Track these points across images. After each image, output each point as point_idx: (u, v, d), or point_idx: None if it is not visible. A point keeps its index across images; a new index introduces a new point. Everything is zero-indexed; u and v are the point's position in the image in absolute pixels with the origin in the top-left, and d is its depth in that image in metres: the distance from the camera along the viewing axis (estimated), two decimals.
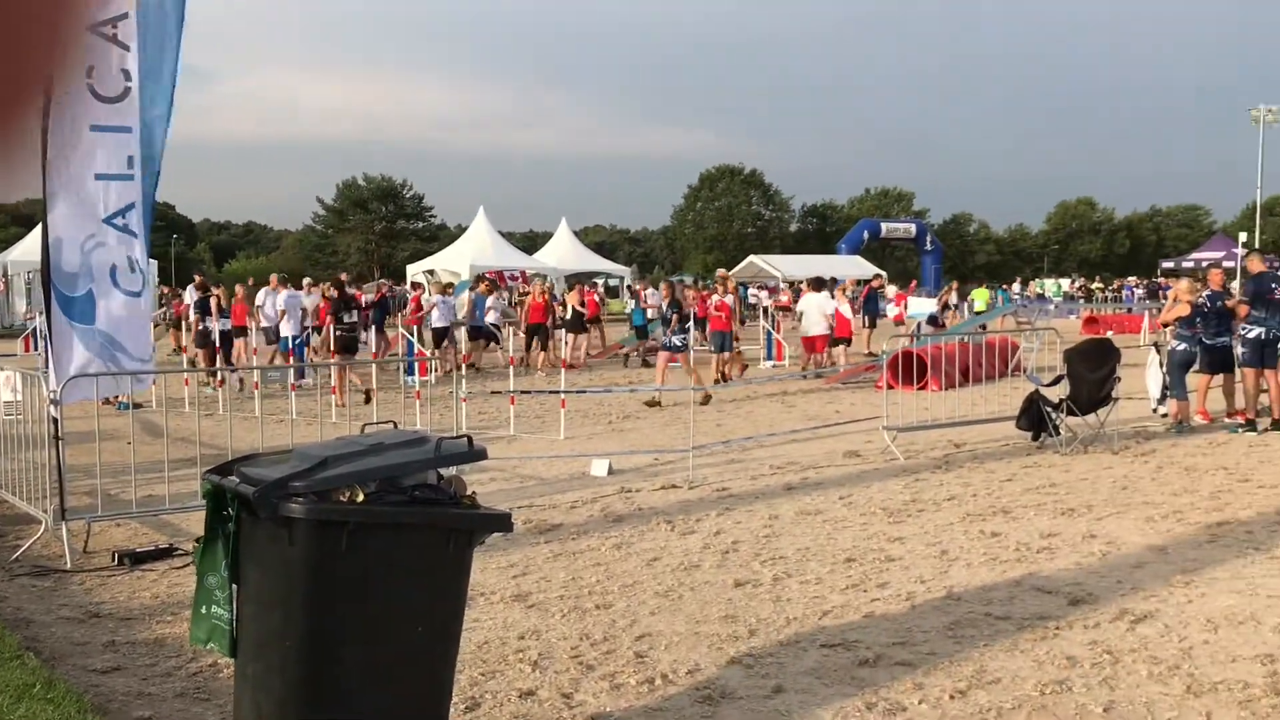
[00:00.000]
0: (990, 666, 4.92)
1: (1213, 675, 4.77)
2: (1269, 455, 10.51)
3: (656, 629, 5.53)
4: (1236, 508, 8.18)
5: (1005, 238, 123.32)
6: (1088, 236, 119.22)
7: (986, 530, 7.55)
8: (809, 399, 16.08)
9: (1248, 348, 12.10)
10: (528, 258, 48.10)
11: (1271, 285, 12.26)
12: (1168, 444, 11.30)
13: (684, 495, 8.89)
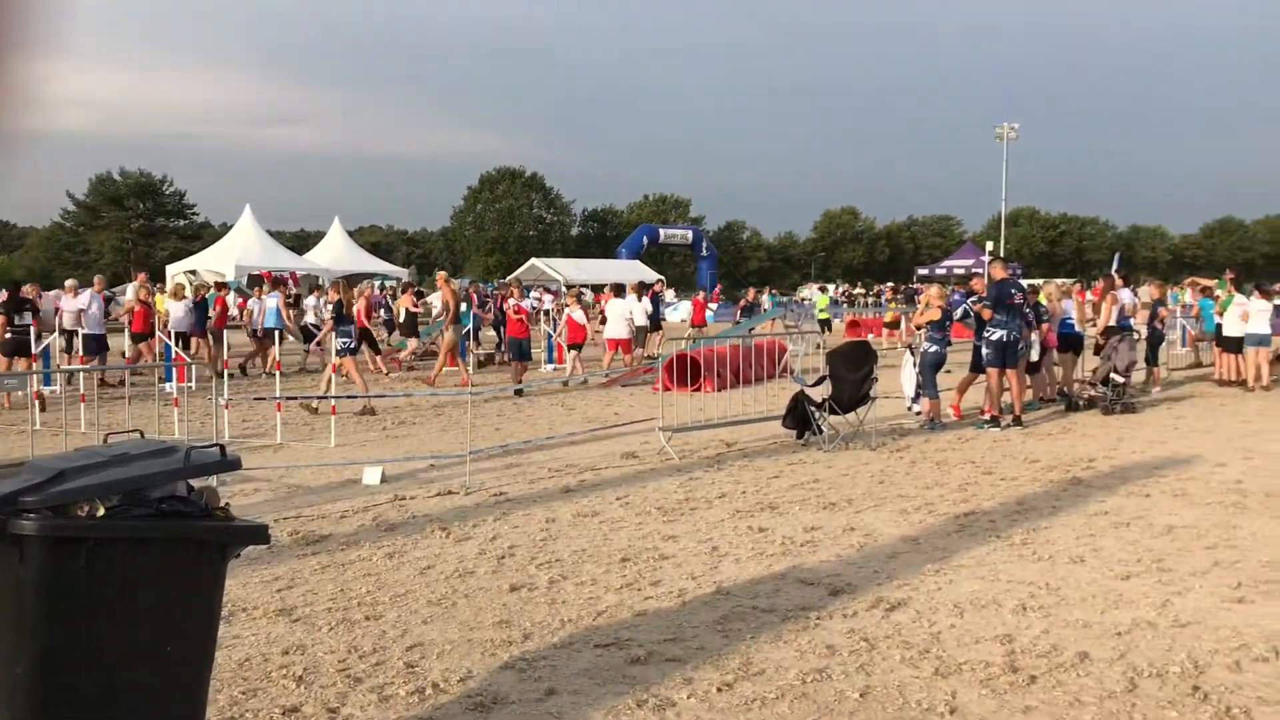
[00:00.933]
0: (756, 658, 5.07)
1: (958, 657, 5.08)
2: (1010, 449, 11.32)
3: (428, 638, 5.42)
4: (981, 499, 8.76)
5: (776, 245, 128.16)
6: (851, 244, 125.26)
7: (755, 526, 7.79)
8: (588, 401, 16.20)
9: (991, 349, 13.01)
10: (298, 258, 46.48)
11: (1012, 290, 13.23)
12: (921, 440, 12.00)
13: (460, 501, 8.77)
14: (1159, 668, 4.89)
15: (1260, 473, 9.81)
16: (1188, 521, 7.86)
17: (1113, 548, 7.11)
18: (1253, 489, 9.05)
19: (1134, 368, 15.23)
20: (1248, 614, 5.70)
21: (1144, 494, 8.89)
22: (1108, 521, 7.88)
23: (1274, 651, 5.09)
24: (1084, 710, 4.43)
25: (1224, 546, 7.14)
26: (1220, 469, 10.04)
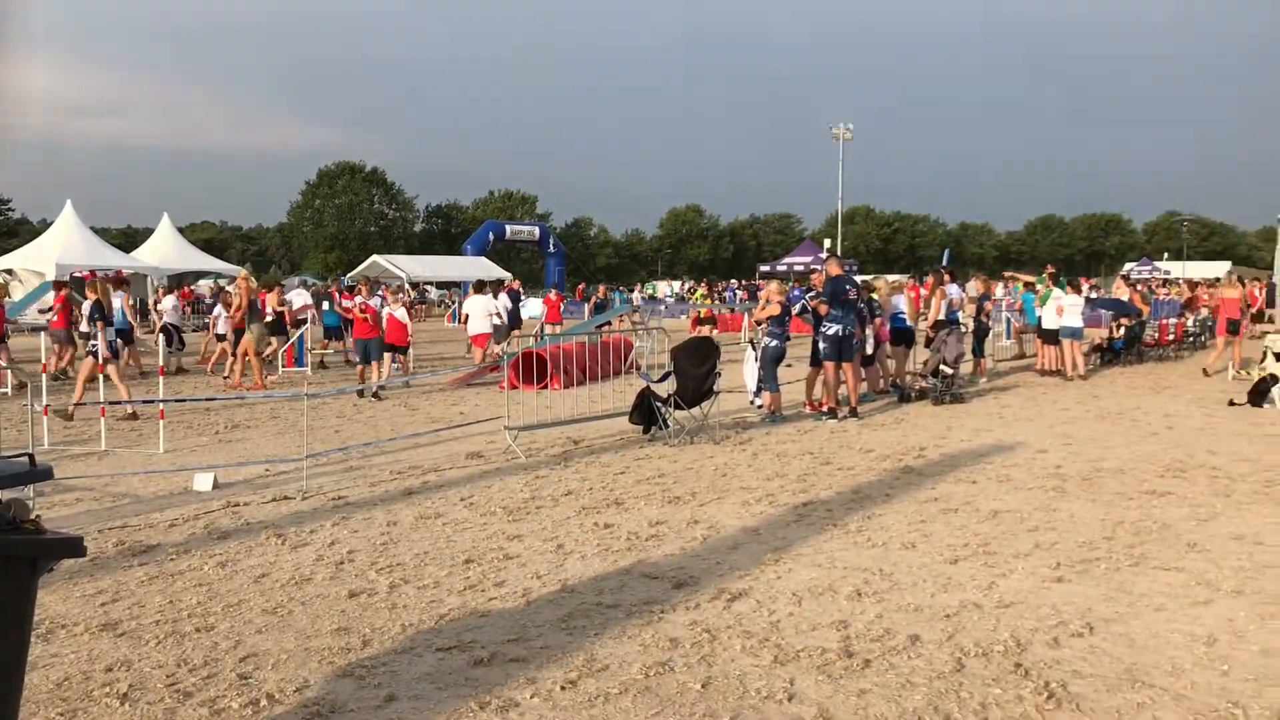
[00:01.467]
0: (600, 654, 5.08)
1: (796, 644, 5.20)
2: (847, 440, 11.67)
3: (263, 648, 5.25)
4: (820, 489, 9.00)
5: (623, 242, 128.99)
6: (697, 241, 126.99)
7: (601, 522, 7.81)
8: (433, 402, 15.96)
9: (827, 343, 13.37)
10: (125, 256, 44.33)
11: (846, 287, 13.61)
12: (763, 432, 12.25)
13: (297, 506, 8.51)
14: (984, 647, 5.11)
15: (1077, 458, 10.36)
16: (1011, 506, 8.25)
17: (942, 533, 7.40)
18: (1071, 473, 9.56)
19: (962, 359, 15.90)
20: (1066, 592, 6.01)
21: (971, 480, 9.28)
22: (937, 508, 8.21)
23: (1089, 627, 5.39)
24: (914, 691, 4.59)
25: (1045, 529, 7.51)
26: (1041, 455, 10.56)
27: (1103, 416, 13.44)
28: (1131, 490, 8.79)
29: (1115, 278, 34.76)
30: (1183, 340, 24.09)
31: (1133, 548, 6.95)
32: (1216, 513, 7.96)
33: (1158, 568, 6.49)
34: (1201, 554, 6.79)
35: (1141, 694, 4.54)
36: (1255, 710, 4.35)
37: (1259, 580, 6.19)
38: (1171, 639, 5.22)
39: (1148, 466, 9.85)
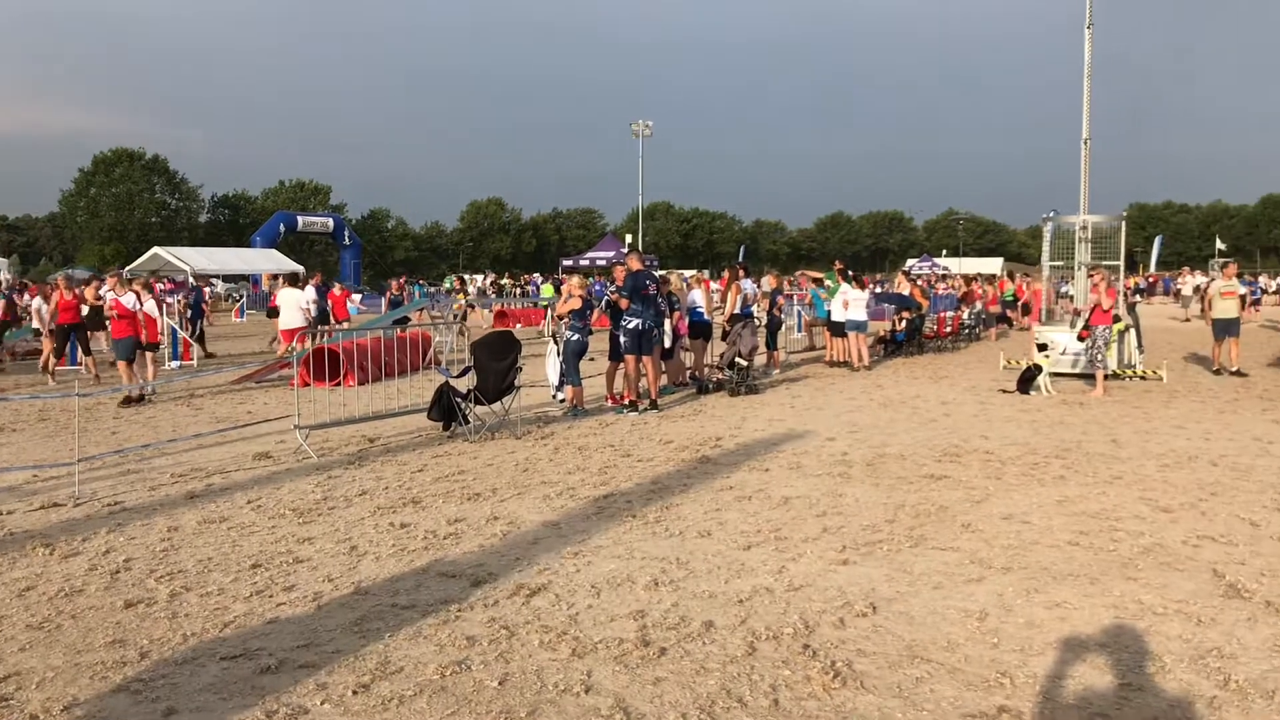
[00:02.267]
0: (394, 657, 4.96)
1: (594, 636, 5.22)
2: (647, 432, 11.82)
3: (27, 666, 4.88)
4: (619, 480, 9.08)
5: (423, 234, 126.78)
6: (499, 235, 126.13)
7: (397, 522, 7.64)
8: (218, 401, 15.26)
9: (628, 337, 13.50)
10: None
11: (646, 282, 13.78)
12: (565, 426, 12.27)
13: (68, 514, 7.98)
14: (775, 630, 5.26)
15: (862, 444, 10.83)
16: (801, 492, 8.54)
17: (736, 520, 7.59)
18: (856, 459, 9.98)
19: (756, 352, 16.36)
20: (850, 574, 6.26)
21: (764, 469, 9.56)
22: (732, 496, 8.41)
23: (872, 607, 5.63)
24: (709, 677, 4.68)
25: (832, 514, 7.81)
26: (830, 442, 10.98)
27: (886, 405, 14.09)
28: (912, 475, 9.25)
29: (897, 273, 36.53)
30: (959, 332, 25.53)
31: (913, 529, 7.30)
32: (989, 494, 8.46)
33: (935, 548, 6.84)
34: (975, 534, 7.20)
35: (920, 669, 4.77)
36: (1021, 678, 4.64)
37: (1025, 557, 6.61)
38: (947, 615, 5.51)
39: (927, 452, 10.39)
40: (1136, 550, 6.72)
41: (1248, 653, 4.93)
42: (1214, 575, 6.17)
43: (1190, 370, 18.85)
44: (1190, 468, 9.51)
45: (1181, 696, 4.44)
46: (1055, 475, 9.20)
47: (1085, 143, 19.50)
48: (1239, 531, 7.20)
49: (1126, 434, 11.49)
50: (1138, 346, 18.64)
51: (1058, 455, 10.15)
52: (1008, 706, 4.35)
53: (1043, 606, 5.63)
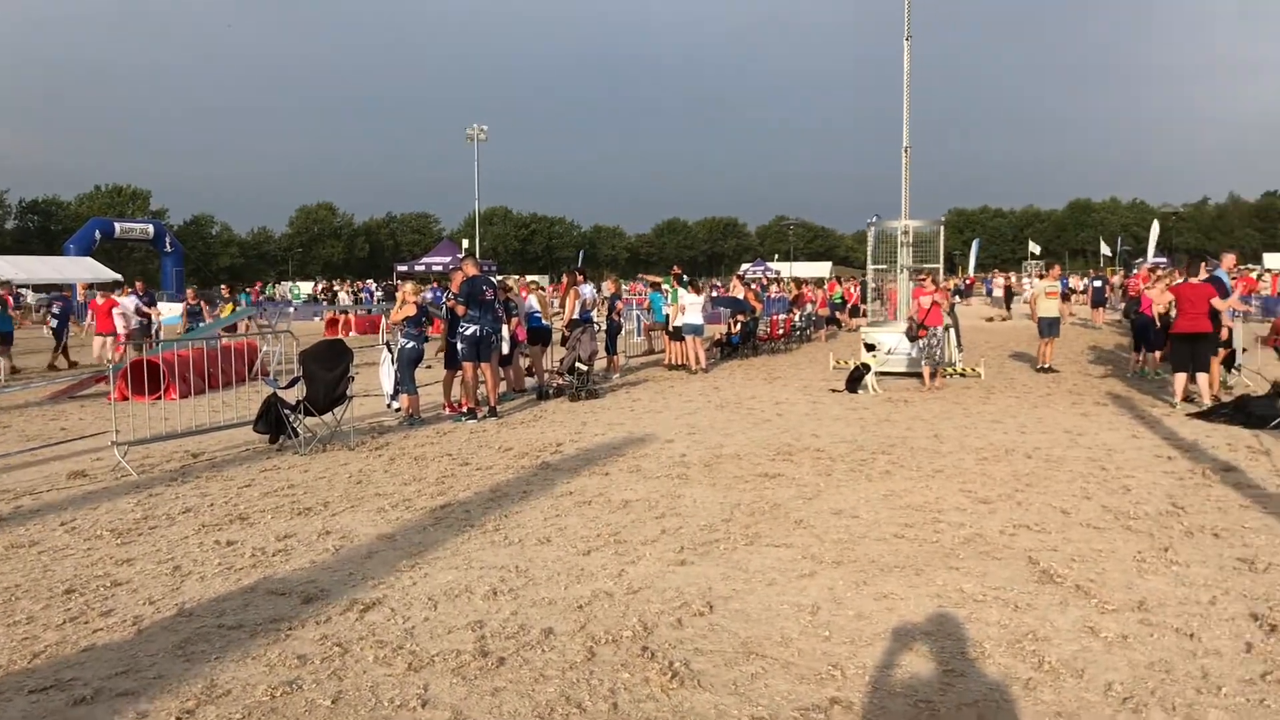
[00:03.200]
0: (221, 679, 4.76)
1: (431, 649, 5.13)
2: (486, 440, 11.70)
3: None
4: (457, 490, 8.95)
5: (249, 240, 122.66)
6: (330, 240, 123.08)
7: (223, 540, 7.34)
8: (28, 417, 14.38)
9: (465, 344, 13.35)
10: None
11: (483, 287, 13.64)
12: (400, 436, 12.03)
13: None
14: (614, 634, 5.28)
15: (700, 446, 10.99)
16: (641, 495, 8.60)
17: (576, 525, 7.59)
18: (694, 461, 10.11)
19: (596, 356, 16.42)
20: (688, 574, 6.34)
21: (604, 473, 9.59)
22: (572, 501, 8.41)
23: (709, 606, 5.71)
24: (548, 684, 4.66)
25: (670, 515, 7.89)
26: (669, 445, 11.10)
27: (723, 406, 14.34)
28: (747, 474, 9.43)
29: (732, 277, 37.27)
30: (791, 334, 26.22)
31: (748, 527, 7.45)
32: (820, 491, 8.70)
33: (770, 545, 6.99)
34: (807, 530, 7.39)
35: (756, 665, 4.86)
36: (851, 669, 4.79)
37: (854, 550, 6.82)
38: (781, 611, 5.64)
39: (761, 451, 10.61)
40: (958, 541, 7.02)
41: (1060, 635, 5.21)
42: (1029, 562, 6.50)
43: (1006, 367, 19.84)
44: (1007, 460, 9.99)
45: (1000, 679, 4.65)
46: (882, 470, 9.53)
47: (905, 150, 20.29)
48: (1051, 520, 7.60)
49: (948, 429, 12.00)
50: (957, 345, 19.51)
51: (884, 451, 10.52)
52: (839, 698, 4.48)
53: (871, 598, 5.82)
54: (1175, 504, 8.04)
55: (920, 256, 19.82)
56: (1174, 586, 5.97)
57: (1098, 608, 5.60)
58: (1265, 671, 4.69)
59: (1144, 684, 4.57)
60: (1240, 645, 5.03)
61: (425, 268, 52.99)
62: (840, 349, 23.21)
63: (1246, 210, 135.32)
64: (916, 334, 16.69)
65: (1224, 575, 6.18)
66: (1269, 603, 5.64)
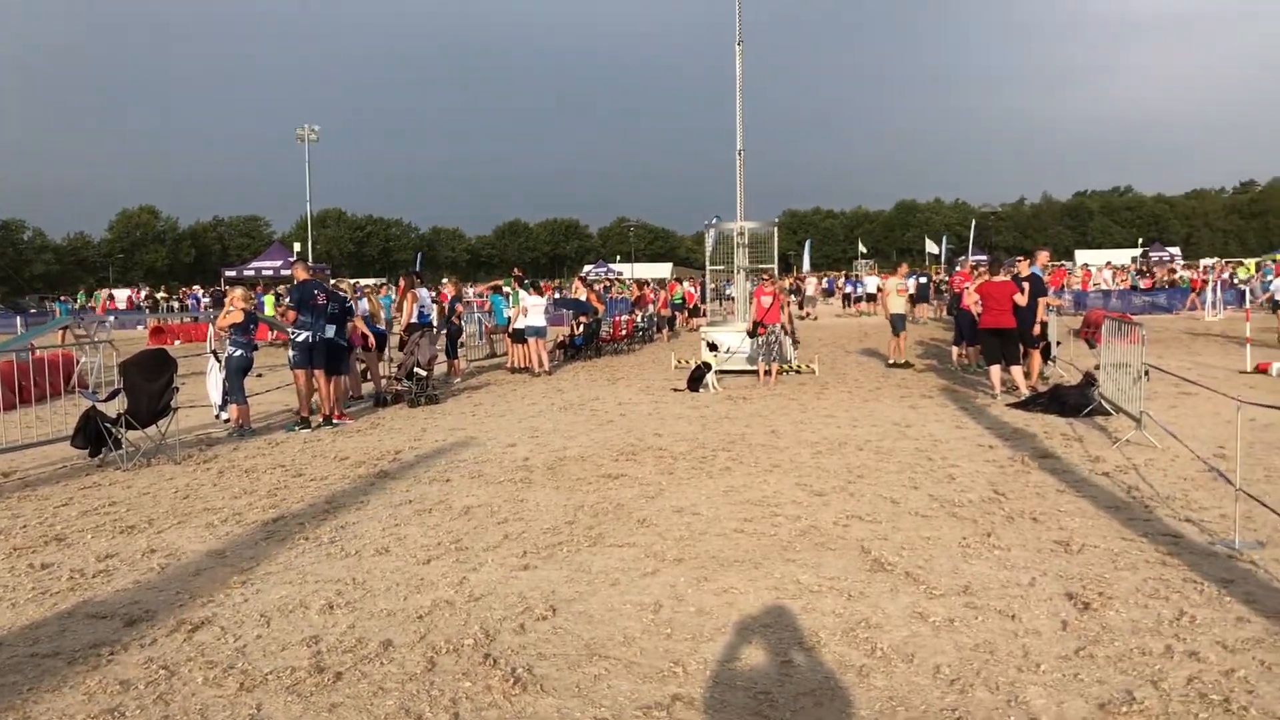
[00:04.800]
0: (35, 711, 4.49)
1: (264, 667, 4.95)
2: (321, 449, 11.38)
3: None
4: (291, 502, 8.68)
5: (66, 246, 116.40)
6: (153, 245, 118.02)
7: (37, 563, 6.93)
8: None
9: (297, 350, 12.96)
10: None
11: (315, 292, 13.27)
12: (230, 448, 11.59)
13: None
14: (456, 643, 5.21)
15: (543, 449, 10.95)
16: (483, 500, 8.51)
17: (416, 534, 7.45)
18: (537, 464, 10.07)
19: (435, 361, 16.18)
20: (531, 579, 6.30)
21: (445, 479, 9.46)
22: (412, 510, 8.26)
23: (552, 610, 5.69)
24: (387, 697, 4.56)
25: (513, 520, 7.83)
26: (511, 449, 11.03)
27: (566, 408, 14.34)
28: (591, 475, 9.45)
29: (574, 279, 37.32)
30: (634, 335, 26.42)
31: (591, 529, 7.46)
32: (662, 489, 8.78)
33: (613, 545, 7.02)
34: (650, 528, 7.45)
35: (599, 666, 4.87)
36: (693, 665, 4.84)
37: (696, 547, 6.91)
38: (624, 610, 5.66)
39: (605, 452, 10.65)
40: (794, 533, 7.20)
41: (891, 621, 5.39)
42: (861, 552, 6.71)
43: (839, 363, 20.46)
44: (840, 453, 10.30)
45: (835, 668, 4.79)
46: (722, 467, 9.69)
47: (740, 153, 20.71)
48: (882, 510, 7.86)
49: (784, 425, 12.29)
50: (792, 343, 20.01)
51: (724, 448, 10.70)
52: (681, 694, 4.52)
53: (712, 594, 5.90)
54: (997, 491, 8.44)
55: (756, 257, 20.26)
56: (996, 570, 6.26)
57: (926, 593, 5.83)
58: (1079, 647, 4.96)
59: (969, 665, 4.78)
60: (1057, 624, 5.31)
61: (255, 272, 51.23)
62: (682, 349, 23.50)
63: (1059, 209, 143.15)
64: (756, 332, 17.04)
65: (1042, 557, 6.51)
66: (1082, 582, 5.97)
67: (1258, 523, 7.11)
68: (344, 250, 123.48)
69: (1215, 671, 4.62)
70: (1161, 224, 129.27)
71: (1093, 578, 6.04)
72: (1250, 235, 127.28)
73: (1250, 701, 4.29)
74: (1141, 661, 4.77)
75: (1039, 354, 15.44)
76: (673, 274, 73.58)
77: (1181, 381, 12.61)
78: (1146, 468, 9.20)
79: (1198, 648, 4.91)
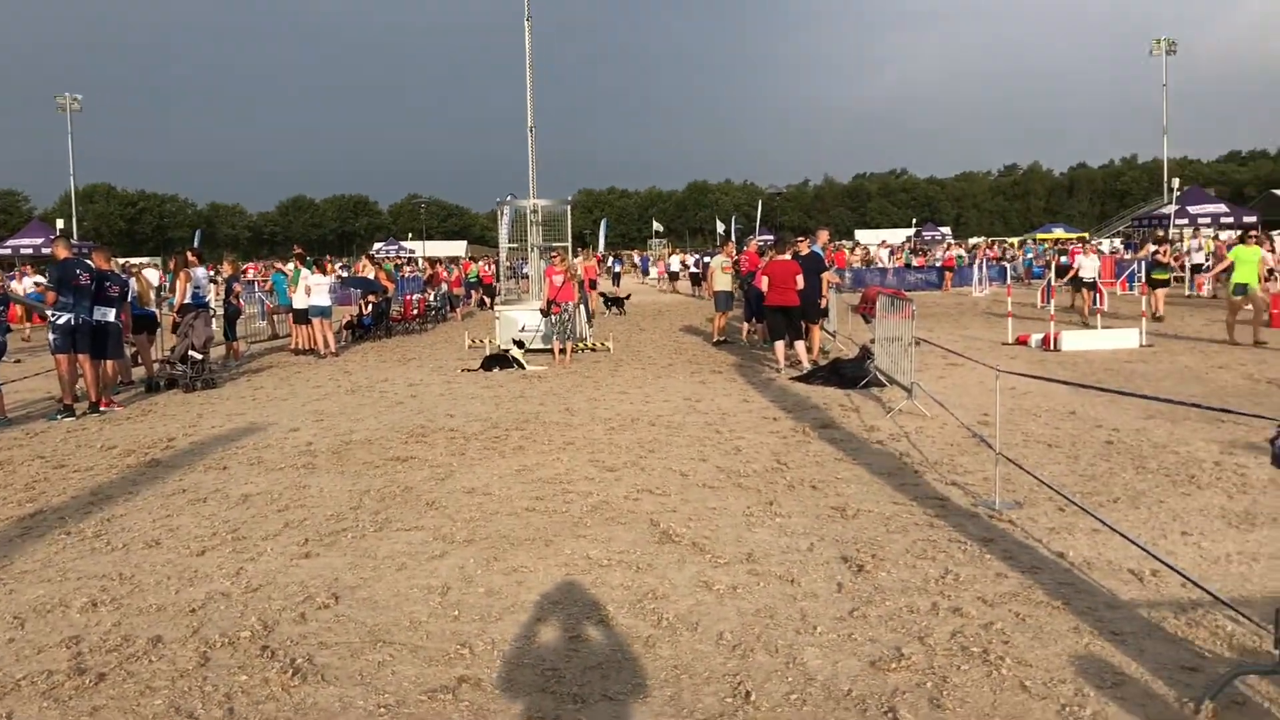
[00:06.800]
0: None
1: (16, 672, 4.59)
2: (87, 439, 10.67)
3: None
4: (51, 495, 8.10)
5: None
6: None
7: None
8: None
9: (58, 334, 12.10)
10: None
11: (77, 271, 12.39)
12: None
13: None
14: (231, 636, 4.97)
15: (329, 433, 10.62)
16: (263, 488, 8.17)
17: (190, 525, 7.08)
18: (322, 448, 9.76)
19: (212, 343, 15.43)
20: (313, 567, 6.09)
21: (222, 467, 9.03)
22: (185, 499, 7.84)
23: (335, 597, 5.51)
24: (155, 696, 4.31)
25: (295, 507, 7.55)
26: (294, 433, 10.64)
27: (354, 390, 13.95)
28: (378, 459, 9.22)
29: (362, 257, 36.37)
30: (426, 315, 25.96)
31: (378, 514, 7.28)
32: (453, 470, 8.66)
33: (400, 529, 6.86)
34: (439, 511, 7.32)
35: (383, 653, 4.75)
36: (480, 647, 4.79)
37: (487, 527, 6.84)
38: (411, 595, 5.55)
39: (394, 434, 10.42)
40: (585, 509, 7.23)
41: (677, 591, 5.49)
42: (651, 524, 6.80)
43: (634, 340, 20.71)
44: (633, 429, 10.42)
45: (622, 639, 4.83)
46: (515, 446, 9.64)
47: (531, 130, 20.60)
48: (671, 483, 8.00)
49: (579, 402, 12.34)
50: (588, 320, 20.12)
51: (517, 427, 10.65)
52: (468, 676, 4.46)
53: (501, 574, 5.86)
54: (780, 461, 8.72)
55: (550, 235, 20.24)
56: (778, 537, 6.47)
57: (711, 562, 5.96)
58: (853, 609, 5.18)
59: (751, 630, 4.91)
60: (833, 586, 5.53)
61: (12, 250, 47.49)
62: (476, 328, 23.27)
63: (840, 191, 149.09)
64: (550, 310, 17.02)
65: (820, 523, 6.77)
66: (857, 545, 6.24)
67: (1016, 484, 7.61)
68: (114, 228, 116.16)
69: (976, 625, 4.91)
70: (934, 205, 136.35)
71: (866, 541, 6.33)
72: (1013, 215, 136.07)
73: (1006, 651, 4.58)
74: (910, 619, 5.02)
75: (818, 328, 16.07)
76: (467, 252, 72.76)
77: (949, 353, 13.34)
78: (917, 435, 9.71)
79: (961, 603, 5.20)
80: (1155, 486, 7.54)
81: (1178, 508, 6.94)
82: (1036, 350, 16.74)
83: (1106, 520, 6.36)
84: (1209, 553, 5.95)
